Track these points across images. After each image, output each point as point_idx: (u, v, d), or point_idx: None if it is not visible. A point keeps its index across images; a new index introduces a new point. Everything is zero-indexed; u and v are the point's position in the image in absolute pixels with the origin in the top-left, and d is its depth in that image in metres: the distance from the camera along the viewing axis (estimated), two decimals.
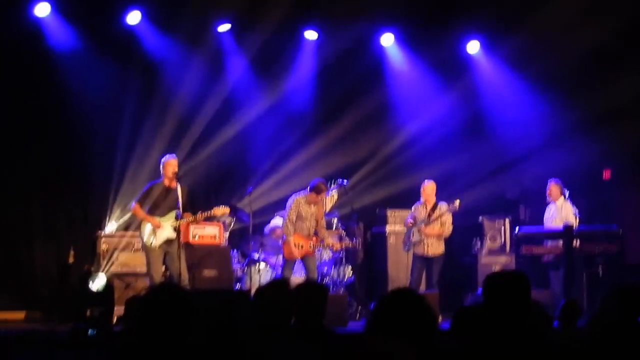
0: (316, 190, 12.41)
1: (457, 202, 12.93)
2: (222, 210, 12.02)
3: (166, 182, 11.58)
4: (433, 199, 13.05)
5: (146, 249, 11.41)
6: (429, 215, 12.93)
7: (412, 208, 13.25)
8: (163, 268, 11.53)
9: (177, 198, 11.40)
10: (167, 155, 11.85)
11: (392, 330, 3.52)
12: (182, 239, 11.47)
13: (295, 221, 12.36)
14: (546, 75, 15.14)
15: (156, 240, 11.30)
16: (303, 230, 12.41)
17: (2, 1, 12.96)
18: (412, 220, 13.04)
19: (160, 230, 11.32)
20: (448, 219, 12.91)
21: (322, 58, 15.25)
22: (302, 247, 12.36)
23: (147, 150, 13.97)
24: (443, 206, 12.93)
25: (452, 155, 15.38)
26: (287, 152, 15.10)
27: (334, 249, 13.14)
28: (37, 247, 13.76)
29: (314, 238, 12.52)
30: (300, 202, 12.40)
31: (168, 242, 11.33)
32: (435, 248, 12.85)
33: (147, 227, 11.38)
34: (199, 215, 11.63)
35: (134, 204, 11.64)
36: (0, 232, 13.64)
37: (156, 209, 11.44)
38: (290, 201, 12.45)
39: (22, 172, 13.79)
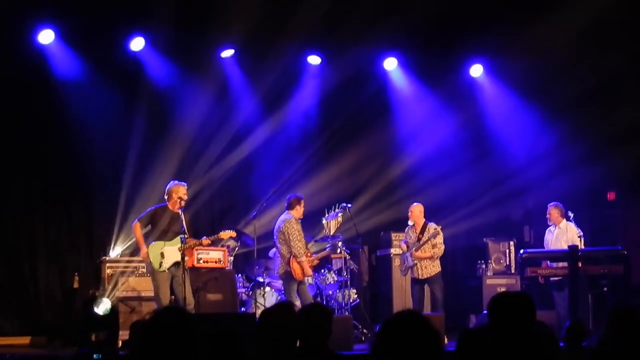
0: (298, 203, 12.50)
1: (439, 227, 12.93)
2: (228, 234, 12.08)
3: (170, 207, 11.60)
4: (421, 221, 13.07)
5: (154, 272, 11.40)
6: (419, 239, 12.93)
7: (405, 232, 13.27)
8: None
9: (182, 223, 11.41)
10: (177, 182, 11.85)
11: (397, 352, 3.51)
12: (187, 263, 11.47)
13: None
14: (550, 97, 15.16)
15: (165, 264, 11.30)
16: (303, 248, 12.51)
17: (6, 28, 13.00)
18: (404, 245, 13.08)
19: (167, 254, 11.34)
20: (439, 239, 12.91)
21: (325, 82, 15.28)
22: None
23: (153, 176, 14.00)
24: (432, 227, 12.93)
25: (456, 178, 15.41)
26: (291, 176, 15.10)
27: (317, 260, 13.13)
28: (42, 273, 13.74)
29: (308, 253, 12.60)
30: (293, 222, 12.45)
31: (176, 265, 11.34)
32: (429, 270, 12.86)
33: (155, 252, 11.39)
34: (205, 240, 11.67)
35: (135, 222, 11.68)
36: (5, 258, 13.65)
37: (165, 234, 11.46)
38: (286, 224, 12.36)
39: (27, 197, 13.81)
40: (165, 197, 11.69)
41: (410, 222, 13.22)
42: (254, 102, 15.10)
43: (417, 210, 13.13)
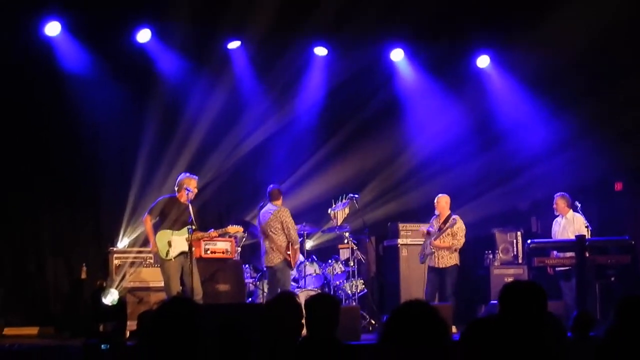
0: (280, 193, 12.72)
1: (457, 217, 13.01)
2: (235, 229, 12.17)
3: (179, 198, 11.65)
4: (446, 212, 13.14)
5: (163, 262, 11.45)
6: (440, 229, 12.99)
7: (430, 221, 13.35)
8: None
9: (190, 214, 11.46)
10: (189, 174, 11.93)
11: (405, 341, 3.51)
12: (194, 254, 11.51)
13: None
14: (557, 88, 15.13)
15: (171, 252, 11.34)
16: None
17: (13, 21, 13.00)
18: (425, 230, 13.14)
19: (175, 243, 11.38)
20: (460, 230, 12.96)
21: (332, 74, 15.26)
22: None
23: (161, 167, 14.04)
24: (455, 219, 12.99)
25: (464, 169, 15.39)
26: (298, 166, 15.11)
27: None
28: (49, 264, 13.80)
29: None
30: (287, 210, 12.62)
31: (184, 255, 11.38)
32: (446, 260, 12.92)
33: (163, 241, 11.42)
34: (213, 232, 11.73)
35: (145, 215, 11.77)
36: (13, 249, 13.70)
37: (173, 224, 11.51)
38: (282, 213, 12.49)
39: (34, 188, 13.84)
40: (176, 188, 11.78)
41: (436, 212, 13.27)
42: (261, 93, 15.09)
43: (442, 201, 13.26)
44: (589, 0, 13.39)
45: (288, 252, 12.39)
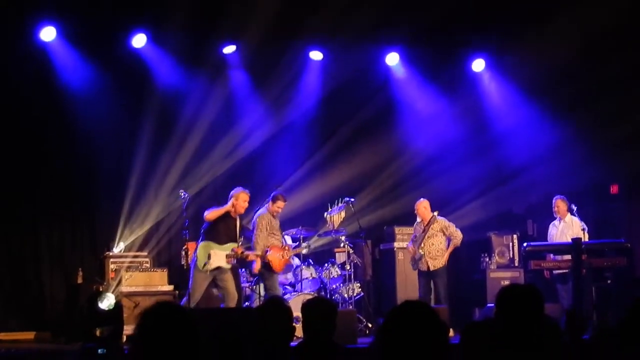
0: (275, 200, 12.50)
1: (436, 213, 13.02)
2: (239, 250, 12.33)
3: (231, 213, 11.73)
4: (428, 215, 13.09)
5: (196, 270, 11.60)
6: (424, 231, 12.97)
7: (413, 227, 13.35)
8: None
9: (236, 231, 11.63)
10: (241, 189, 12.09)
11: (403, 342, 3.49)
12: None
13: (267, 237, 12.38)
14: (551, 92, 15.14)
15: (208, 266, 11.48)
16: (278, 242, 12.50)
17: (8, 26, 13.00)
18: (411, 247, 13.15)
19: (215, 257, 11.54)
20: (448, 227, 12.99)
21: (327, 78, 15.26)
22: (283, 257, 12.45)
23: (156, 171, 14.04)
24: (440, 220, 12.99)
25: (459, 172, 15.39)
26: (294, 170, 15.10)
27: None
28: (46, 268, 13.78)
29: (287, 247, 12.68)
30: (264, 216, 12.41)
31: (219, 269, 11.62)
32: (435, 262, 12.89)
33: (204, 251, 11.61)
34: (239, 249, 11.99)
35: (210, 210, 11.92)
36: (9, 254, 13.68)
37: (218, 236, 11.63)
38: (259, 217, 12.40)
39: (30, 193, 13.84)
40: (232, 202, 11.84)
41: (418, 219, 13.27)
42: (257, 98, 15.09)
43: (421, 207, 13.19)
44: (584, 8, 13.40)
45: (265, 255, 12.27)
